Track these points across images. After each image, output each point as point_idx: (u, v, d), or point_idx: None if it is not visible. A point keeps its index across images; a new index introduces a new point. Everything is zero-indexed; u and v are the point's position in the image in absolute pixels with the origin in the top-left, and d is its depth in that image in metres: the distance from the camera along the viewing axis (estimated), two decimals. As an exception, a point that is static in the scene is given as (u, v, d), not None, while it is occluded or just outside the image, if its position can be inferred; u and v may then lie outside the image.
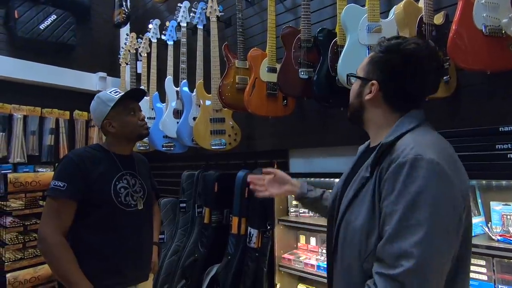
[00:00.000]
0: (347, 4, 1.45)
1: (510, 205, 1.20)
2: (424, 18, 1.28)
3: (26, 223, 2.43)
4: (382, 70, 0.79)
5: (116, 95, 1.27)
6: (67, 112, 3.08)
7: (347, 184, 0.84)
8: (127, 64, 2.99)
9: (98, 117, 1.28)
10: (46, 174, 2.59)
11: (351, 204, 0.75)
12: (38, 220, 2.43)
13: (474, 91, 1.35)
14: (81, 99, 3.03)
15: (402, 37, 0.81)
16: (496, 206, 1.23)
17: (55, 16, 2.87)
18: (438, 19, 1.32)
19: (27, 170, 2.76)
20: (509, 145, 1.09)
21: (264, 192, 1.13)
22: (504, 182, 1.19)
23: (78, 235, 1.20)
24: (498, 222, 1.21)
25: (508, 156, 1.09)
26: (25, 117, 2.84)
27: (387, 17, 1.40)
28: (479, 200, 1.28)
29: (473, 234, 0.84)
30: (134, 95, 1.34)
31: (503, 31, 1.15)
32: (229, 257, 2.00)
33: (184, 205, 2.44)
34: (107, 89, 1.32)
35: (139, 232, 1.29)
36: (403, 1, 1.35)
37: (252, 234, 1.91)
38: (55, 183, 1.15)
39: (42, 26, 2.79)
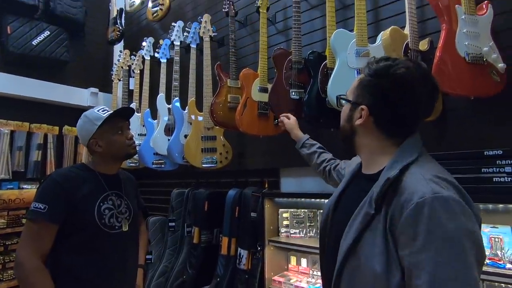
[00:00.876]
0: (337, 28, 1.50)
1: (497, 227, 1.21)
2: (409, 44, 1.32)
3: (7, 243, 2.34)
4: (372, 94, 0.76)
5: (103, 114, 1.24)
6: (56, 128, 3.04)
7: (337, 205, 0.82)
8: (119, 80, 2.99)
9: (84, 136, 1.25)
10: (31, 191, 2.53)
11: (356, 245, 0.69)
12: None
13: (459, 115, 1.38)
14: (71, 114, 2.98)
15: (392, 58, 0.76)
16: (484, 229, 1.23)
17: (49, 32, 2.88)
18: (423, 45, 1.37)
19: (11, 186, 2.68)
20: (494, 168, 1.11)
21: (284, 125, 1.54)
22: (490, 206, 1.20)
23: (58, 256, 1.14)
24: (486, 245, 1.21)
25: (494, 180, 1.11)
26: (12, 132, 2.79)
27: (375, 42, 1.45)
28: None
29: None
30: (123, 114, 1.32)
31: (485, 59, 1.19)
32: (218, 279, 1.94)
33: (173, 224, 2.38)
34: (95, 107, 1.29)
35: (123, 254, 1.25)
36: (390, 28, 1.40)
37: (242, 255, 1.87)
38: (35, 205, 1.10)
39: (34, 42, 2.80)
